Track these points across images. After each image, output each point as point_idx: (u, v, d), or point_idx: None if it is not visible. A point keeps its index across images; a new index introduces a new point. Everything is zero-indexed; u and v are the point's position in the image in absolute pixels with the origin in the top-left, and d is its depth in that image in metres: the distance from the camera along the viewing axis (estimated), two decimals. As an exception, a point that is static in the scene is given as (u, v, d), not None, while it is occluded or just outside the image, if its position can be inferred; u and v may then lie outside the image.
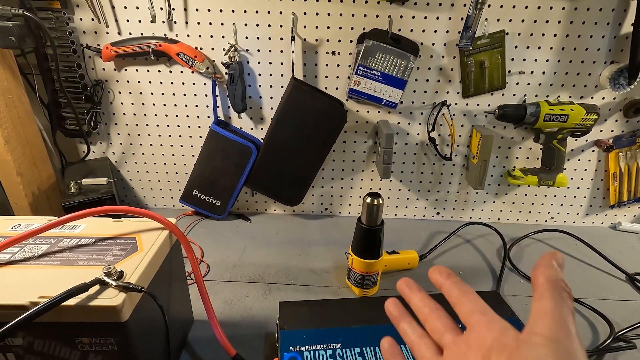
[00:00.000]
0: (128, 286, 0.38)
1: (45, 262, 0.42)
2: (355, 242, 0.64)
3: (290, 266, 0.75)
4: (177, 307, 0.53)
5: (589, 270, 0.77)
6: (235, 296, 0.66)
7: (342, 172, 0.89)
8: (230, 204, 0.87)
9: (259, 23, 0.75)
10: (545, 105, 0.75)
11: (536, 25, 0.74)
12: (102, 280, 0.38)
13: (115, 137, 0.86)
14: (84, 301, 0.36)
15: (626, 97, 0.79)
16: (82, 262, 0.42)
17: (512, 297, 0.68)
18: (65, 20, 0.74)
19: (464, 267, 0.76)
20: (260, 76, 0.80)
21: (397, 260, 0.71)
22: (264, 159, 0.82)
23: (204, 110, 0.83)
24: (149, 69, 0.79)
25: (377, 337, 0.47)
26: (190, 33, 0.76)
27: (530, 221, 0.93)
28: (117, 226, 0.49)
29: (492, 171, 0.88)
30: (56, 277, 0.40)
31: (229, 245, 0.81)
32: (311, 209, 0.94)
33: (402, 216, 0.94)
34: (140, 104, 0.82)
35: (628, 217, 0.92)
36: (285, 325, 0.49)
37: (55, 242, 0.46)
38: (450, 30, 0.75)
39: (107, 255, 0.43)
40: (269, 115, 0.83)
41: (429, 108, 0.81)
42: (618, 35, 0.74)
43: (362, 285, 0.65)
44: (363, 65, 0.74)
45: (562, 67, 0.77)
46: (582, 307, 0.65)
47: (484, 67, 0.76)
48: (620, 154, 0.84)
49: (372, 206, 0.60)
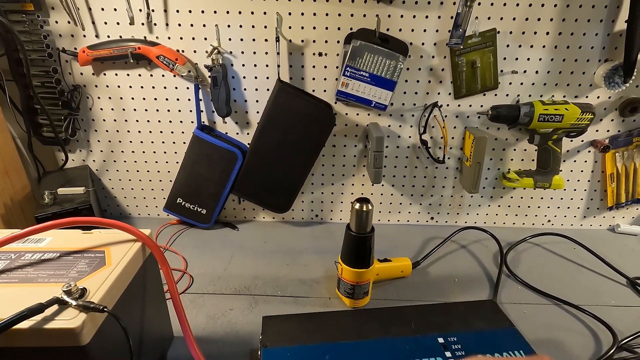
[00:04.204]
0: (89, 305, 0.34)
1: (1, 279, 0.38)
2: (344, 250, 0.61)
3: (279, 277, 0.71)
4: (152, 326, 0.50)
5: (588, 274, 0.74)
6: (219, 310, 0.62)
7: (332, 177, 0.86)
8: (216, 212, 0.84)
9: (242, 24, 0.72)
10: (539, 105, 0.73)
11: (528, 23, 0.72)
12: (61, 300, 0.35)
13: (96, 145, 0.83)
14: (39, 323, 0.33)
15: (621, 95, 0.77)
16: (42, 280, 0.38)
17: (509, 305, 0.65)
18: (40, 23, 0.71)
19: (459, 275, 0.73)
20: (245, 79, 0.77)
21: (389, 269, 0.68)
22: (250, 165, 0.79)
23: (187, 115, 0.80)
24: (128, 73, 0.76)
25: (368, 353, 0.44)
26: (171, 35, 0.73)
27: (527, 225, 0.91)
28: (85, 239, 0.46)
29: (487, 174, 0.85)
30: (11, 296, 0.36)
31: (215, 255, 0.77)
32: (301, 215, 0.90)
33: (395, 222, 0.91)
34: (121, 110, 0.79)
35: (627, 219, 0.90)
36: (268, 342, 0.46)
37: (15, 257, 0.42)
38: (440, 29, 0.72)
39: (71, 271, 0.40)
40: (255, 119, 0.80)
41: (420, 110, 0.79)
42: (612, 33, 0.72)
43: (352, 295, 0.62)
44: (351, 66, 0.71)
45: (555, 66, 0.75)
46: (583, 314, 0.63)
47: (476, 66, 0.74)
48: (617, 154, 0.82)
49: (362, 212, 0.57)
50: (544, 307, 0.65)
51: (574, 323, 0.61)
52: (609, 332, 0.58)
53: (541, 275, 0.73)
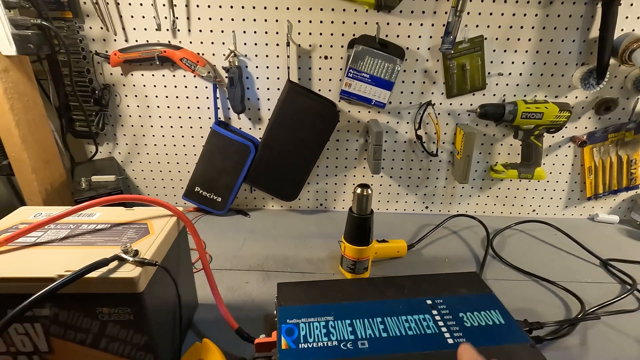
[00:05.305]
0: (143, 261, 0.43)
1: (67, 243, 0.47)
2: (347, 230, 0.70)
3: (288, 256, 0.80)
4: (183, 289, 0.58)
5: (566, 256, 0.82)
6: (236, 283, 0.71)
7: (336, 169, 0.95)
8: (230, 200, 0.92)
9: (257, 30, 0.81)
10: (522, 104, 0.81)
11: (512, 30, 0.80)
12: (120, 257, 0.43)
13: (121, 138, 0.91)
14: (105, 274, 0.41)
15: (597, 96, 0.85)
16: (100, 243, 0.47)
17: (492, 281, 0.73)
18: (76, 28, 0.79)
19: (450, 255, 0.81)
20: (258, 79, 0.85)
21: (386, 248, 0.76)
22: (262, 157, 0.87)
23: (205, 111, 0.88)
24: (153, 73, 0.85)
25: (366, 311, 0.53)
26: (193, 40, 0.81)
27: (513, 214, 0.99)
28: (130, 214, 0.54)
29: (477, 167, 0.94)
30: (78, 255, 0.44)
31: (229, 238, 0.85)
32: (307, 204, 0.99)
33: (393, 210, 1.00)
34: (145, 107, 0.88)
35: (605, 209, 0.98)
36: (283, 302, 0.54)
37: (74, 227, 0.51)
38: (433, 35, 0.81)
39: (123, 237, 0.48)
40: (267, 115, 0.88)
41: (416, 108, 0.87)
42: (587, 39, 0.80)
43: (354, 270, 0.70)
44: (353, 68, 0.79)
45: (537, 68, 0.83)
46: (557, 288, 0.71)
47: (465, 69, 0.82)
48: (595, 149, 0.90)
49: (362, 196, 0.66)
50: (523, 282, 0.73)
51: (548, 296, 0.70)
52: (578, 303, 0.67)
53: (523, 256, 0.81)
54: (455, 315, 0.52)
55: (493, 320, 0.52)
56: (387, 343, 0.48)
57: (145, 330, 0.45)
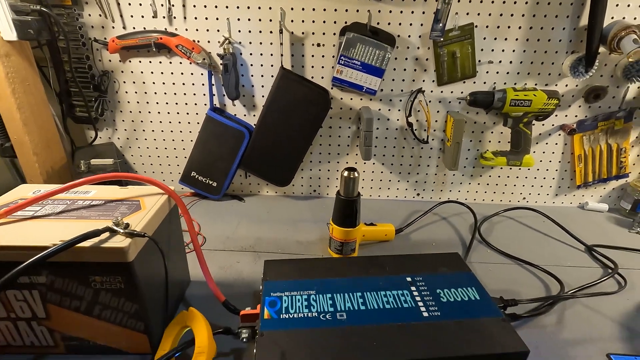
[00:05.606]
0: (133, 233, 0.45)
1: (63, 217, 0.50)
2: (335, 212, 0.72)
3: (279, 239, 0.82)
4: (174, 264, 0.61)
5: (553, 242, 0.84)
6: (228, 262, 0.74)
7: (329, 155, 0.97)
8: (225, 184, 0.95)
9: (251, 18, 0.82)
10: (511, 92, 0.82)
11: (502, 18, 0.81)
12: (112, 229, 0.46)
13: (120, 124, 0.94)
14: (97, 244, 0.44)
15: (587, 84, 0.86)
16: (94, 217, 0.50)
17: (477, 264, 0.75)
18: (76, 15, 0.82)
19: (437, 240, 0.83)
20: (252, 66, 0.87)
21: (374, 231, 0.79)
22: (256, 143, 0.90)
23: (201, 98, 0.90)
24: (150, 60, 0.87)
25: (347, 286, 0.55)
26: (188, 27, 0.83)
27: (504, 201, 1.01)
28: (123, 191, 0.57)
29: (467, 154, 0.95)
30: (73, 227, 0.47)
31: (224, 221, 0.88)
32: (300, 190, 1.01)
33: (384, 197, 1.02)
34: (143, 93, 0.90)
35: (595, 197, 0.99)
36: (269, 277, 0.57)
37: (71, 203, 0.53)
38: (424, 23, 0.82)
39: (115, 212, 0.51)
40: (261, 102, 0.90)
41: (407, 95, 0.89)
42: (577, 27, 0.81)
43: (341, 252, 0.73)
44: (345, 55, 0.81)
45: (527, 56, 0.84)
46: (539, 271, 0.73)
47: (456, 57, 0.83)
48: (584, 138, 0.91)
49: (349, 179, 0.68)
50: (508, 265, 0.75)
51: (530, 278, 0.72)
52: (558, 285, 0.69)
53: (510, 242, 0.82)
54: (433, 292, 0.55)
55: (469, 296, 0.54)
56: (364, 315, 0.50)
57: (135, 299, 0.48)
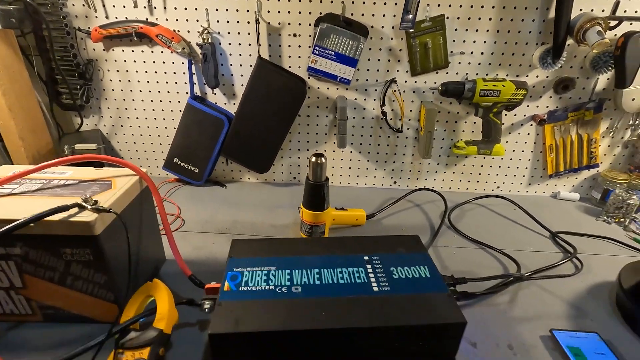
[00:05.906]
0: (99, 208, 0.49)
1: (38, 194, 0.53)
2: (304, 197, 0.75)
3: (255, 222, 0.86)
4: (147, 244, 0.64)
5: (519, 229, 0.87)
6: (203, 243, 0.77)
7: (307, 143, 1.00)
8: (207, 171, 0.98)
9: (228, 8, 0.85)
10: (480, 82, 0.84)
11: (473, 10, 0.83)
12: (80, 205, 0.49)
13: (106, 111, 0.97)
14: (66, 218, 0.48)
15: (557, 75, 0.88)
16: (67, 195, 0.53)
17: (442, 248, 0.78)
18: (60, 5, 0.84)
19: (407, 225, 0.86)
20: (231, 56, 0.90)
21: (344, 216, 0.82)
22: (235, 130, 0.93)
23: (183, 86, 0.93)
24: (133, 49, 0.90)
25: (307, 263, 0.58)
26: (168, 17, 0.86)
27: (478, 190, 1.03)
28: (97, 172, 0.60)
29: (442, 144, 0.98)
30: (47, 203, 0.50)
31: (204, 206, 0.92)
32: (281, 177, 1.04)
33: (362, 185, 1.05)
34: (127, 81, 0.93)
35: (567, 187, 1.02)
36: (234, 254, 0.60)
37: (47, 182, 0.57)
38: (397, 14, 0.84)
39: (87, 191, 0.54)
40: (240, 91, 0.93)
41: (382, 85, 0.91)
42: (546, 19, 0.83)
43: (311, 234, 0.76)
44: (319, 45, 0.83)
45: (498, 48, 0.86)
46: (501, 255, 0.76)
47: (428, 47, 0.86)
48: (555, 128, 0.93)
49: (317, 164, 0.71)
50: (471, 250, 0.79)
51: (491, 261, 0.75)
52: (516, 267, 0.72)
53: (477, 228, 0.85)
54: (387, 269, 0.58)
55: (420, 274, 0.57)
56: (318, 289, 0.54)
57: (104, 270, 0.52)
